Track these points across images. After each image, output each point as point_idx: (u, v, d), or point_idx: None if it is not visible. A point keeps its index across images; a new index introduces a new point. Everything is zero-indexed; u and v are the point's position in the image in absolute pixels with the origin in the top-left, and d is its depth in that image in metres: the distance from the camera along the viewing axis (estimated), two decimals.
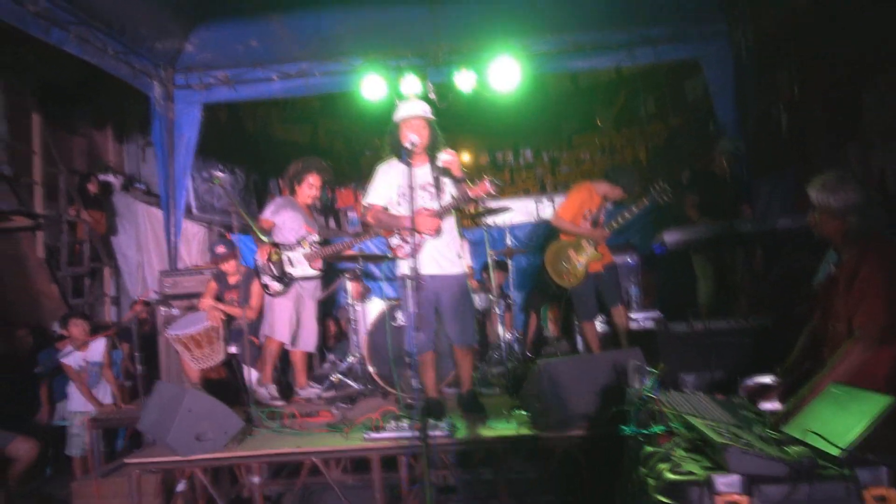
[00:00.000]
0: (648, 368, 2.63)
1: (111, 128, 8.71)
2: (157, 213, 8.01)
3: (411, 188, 3.09)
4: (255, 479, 3.52)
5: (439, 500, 3.82)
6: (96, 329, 5.91)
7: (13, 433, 5.03)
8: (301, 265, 4.72)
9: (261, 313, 4.86)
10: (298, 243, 4.72)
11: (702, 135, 7.93)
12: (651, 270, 5.71)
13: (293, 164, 4.97)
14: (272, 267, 4.59)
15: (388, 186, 3.67)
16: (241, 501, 4.10)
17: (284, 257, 4.67)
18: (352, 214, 10.53)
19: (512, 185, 11.78)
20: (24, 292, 6.83)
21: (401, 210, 3.60)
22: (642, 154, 11.50)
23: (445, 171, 3.54)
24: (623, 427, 2.44)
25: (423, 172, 3.57)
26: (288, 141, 10.35)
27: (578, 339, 5.22)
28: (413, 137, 3.37)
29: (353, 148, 11.18)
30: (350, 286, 6.72)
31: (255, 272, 4.74)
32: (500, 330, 5.06)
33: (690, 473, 1.93)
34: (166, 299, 5.52)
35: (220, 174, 4.72)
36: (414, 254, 3.22)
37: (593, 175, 11.08)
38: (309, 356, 5.10)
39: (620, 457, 2.52)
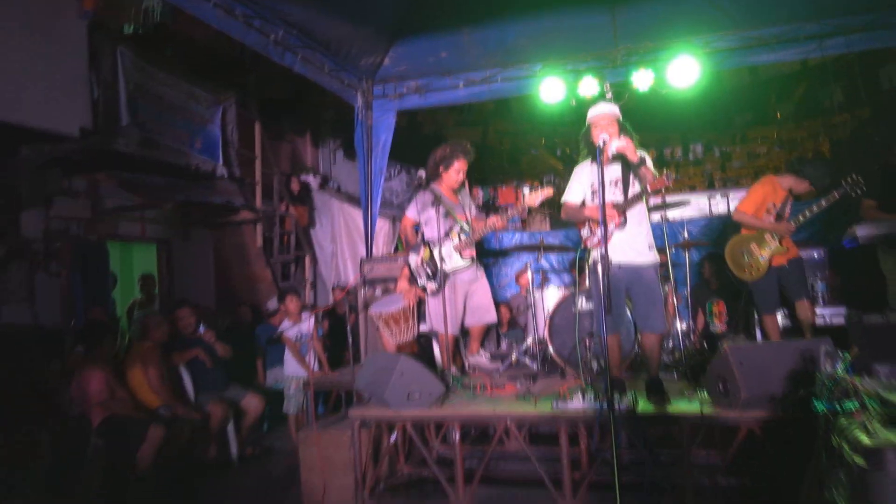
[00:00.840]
0: (841, 352, 2.76)
1: (309, 135, 9.90)
2: (349, 209, 9.01)
3: (602, 184, 3.43)
4: (456, 437, 4.02)
5: (620, 475, 4.12)
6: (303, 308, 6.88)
7: (245, 390, 6.06)
8: (452, 258, 4.79)
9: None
10: (447, 236, 4.77)
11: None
12: (838, 266, 5.53)
13: (440, 148, 4.96)
14: (426, 266, 4.77)
15: (580, 185, 4.03)
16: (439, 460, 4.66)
17: (435, 253, 4.74)
18: (511, 211, 10.98)
19: (678, 182, 11.60)
20: (245, 277, 8.04)
21: (593, 205, 3.94)
22: (825, 147, 10.79)
23: (621, 157, 3.83)
24: (816, 402, 2.61)
25: (613, 169, 3.89)
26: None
27: (758, 332, 5.21)
28: (604, 136, 3.69)
29: (520, 147, 11.63)
30: (521, 277, 7.17)
31: (412, 277, 4.92)
32: (676, 319, 5.21)
33: (888, 441, 2.10)
34: (366, 283, 6.28)
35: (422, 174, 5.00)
36: (603, 244, 3.56)
37: (767, 170, 10.62)
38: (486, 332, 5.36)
39: (806, 440, 2.68)
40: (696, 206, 8.11)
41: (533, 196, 4.60)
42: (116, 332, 5.78)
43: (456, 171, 4.85)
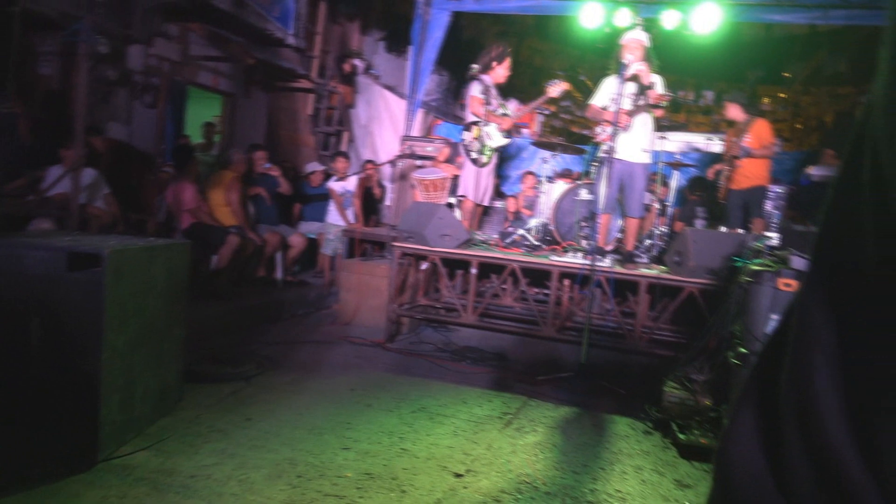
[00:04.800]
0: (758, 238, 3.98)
1: (359, 22, 10.69)
2: (388, 95, 9.99)
3: (619, 95, 4.53)
4: (474, 271, 5.27)
5: (591, 319, 5.43)
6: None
7: (293, 229, 7.27)
8: (496, 136, 5.78)
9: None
10: (494, 113, 5.67)
11: None
12: (795, 201, 6.72)
13: (495, 46, 5.95)
14: (477, 142, 5.84)
15: (605, 92, 5.11)
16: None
17: (483, 132, 5.83)
18: (525, 131, 11.99)
19: (685, 127, 12.53)
20: (292, 139, 9.10)
21: (611, 110, 5.04)
22: (829, 118, 11.56)
23: (636, 78, 4.90)
24: (737, 260, 3.85)
25: (631, 85, 4.96)
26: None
27: None
28: (629, 56, 4.75)
29: (548, 69, 12.45)
30: (526, 179, 8.30)
31: (465, 149, 5.99)
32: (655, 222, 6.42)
33: (766, 266, 3.33)
34: (406, 157, 7.39)
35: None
36: (609, 141, 4.69)
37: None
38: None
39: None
40: (692, 143, 9.19)
41: (555, 87, 5.64)
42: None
43: (505, 68, 5.85)
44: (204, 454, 2.88)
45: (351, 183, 7.49)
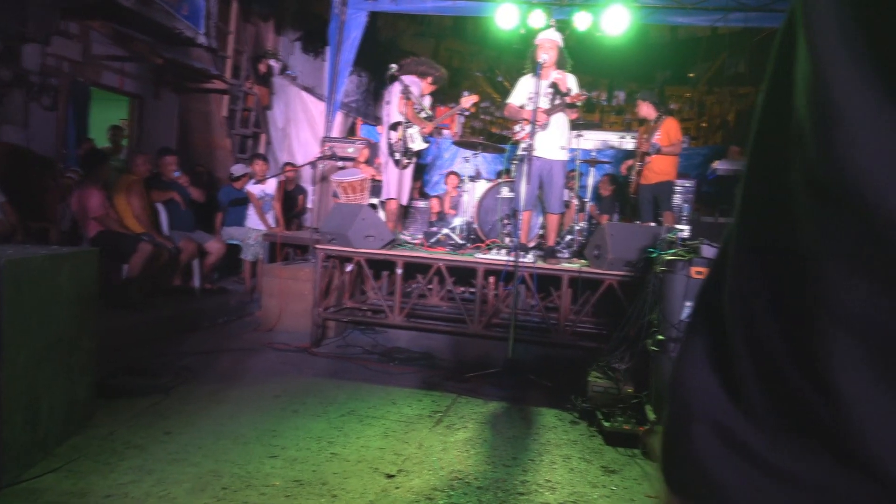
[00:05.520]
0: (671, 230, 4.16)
1: (273, 22, 10.45)
2: (305, 96, 9.83)
3: (536, 94, 4.63)
4: (399, 271, 5.24)
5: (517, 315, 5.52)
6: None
7: (210, 235, 7.02)
8: (417, 140, 5.87)
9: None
10: (417, 115, 5.78)
11: None
12: (702, 195, 7.10)
13: (427, 62, 6.11)
14: (400, 144, 5.87)
15: (522, 91, 5.20)
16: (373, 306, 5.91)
17: (407, 134, 5.87)
18: (446, 132, 12.09)
19: (600, 126, 12.98)
20: (206, 142, 8.77)
21: (528, 109, 5.13)
22: (731, 116, 12.27)
23: (554, 85, 5.04)
24: (651, 251, 4.01)
25: (547, 84, 5.07)
26: (411, 53, 11.83)
27: None
28: (544, 56, 4.85)
29: (465, 69, 12.61)
30: (449, 179, 8.36)
31: (391, 150, 6.03)
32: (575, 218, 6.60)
33: (679, 256, 3.48)
34: (326, 158, 7.27)
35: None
36: (528, 139, 4.78)
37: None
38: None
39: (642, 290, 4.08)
40: (607, 142, 9.53)
41: (467, 100, 5.77)
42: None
43: (428, 84, 6.06)
44: (120, 472, 2.72)
45: (270, 186, 7.31)
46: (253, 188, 7.21)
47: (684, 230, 6.65)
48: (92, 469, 2.73)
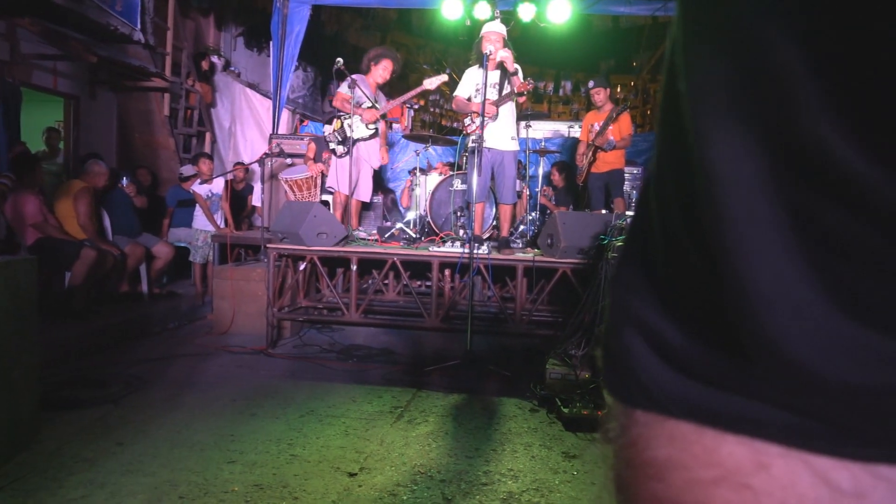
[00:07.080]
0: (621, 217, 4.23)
1: (213, 17, 10.17)
2: (250, 93, 9.62)
3: (484, 85, 4.63)
4: (354, 268, 5.20)
5: (473, 307, 5.54)
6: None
7: (157, 238, 6.82)
8: (358, 128, 5.74)
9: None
10: (358, 106, 5.65)
11: None
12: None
13: (374, 48, 6.07)
14: (336, 134, 5.82)
15: (469, 83, 5.20)
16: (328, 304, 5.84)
17: (345, 125, 5.80)
18: (396, 126, 12.02)
19: (548, 116, 13.12)
20: (148, 142, 8.50)
21: (476, 101, 5.14)
22: None
23: (501, 65, 5.05)
24: (603, 238, 4.07)
25: (493, 75, 5.09)
26: (359, 46, 11.67)
27: None
28: (490, 47, 4.86)
29: (413, 62, 12.52)
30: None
31: (325, 141, 6.01)
32: (527, 208, 6.66)
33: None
34: (274, 156, 7.14)
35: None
36: (479, 131, 4.80)
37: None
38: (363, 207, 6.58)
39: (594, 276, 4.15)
40: (557, 131, 9.64)
41: (430, 80, 5.72)
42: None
43: (383, 69, 5.88)
44: (69, 487, 2.62)
45: (217, 185, 7.13)
46: (199, 188, 7.02)
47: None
48: (40, 486, 2.63)
